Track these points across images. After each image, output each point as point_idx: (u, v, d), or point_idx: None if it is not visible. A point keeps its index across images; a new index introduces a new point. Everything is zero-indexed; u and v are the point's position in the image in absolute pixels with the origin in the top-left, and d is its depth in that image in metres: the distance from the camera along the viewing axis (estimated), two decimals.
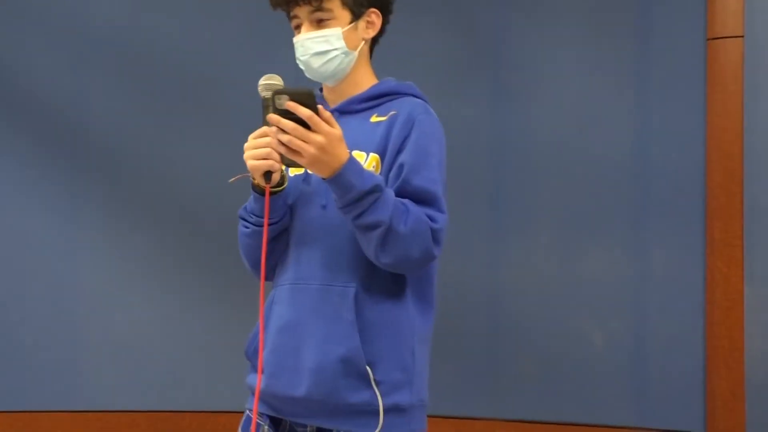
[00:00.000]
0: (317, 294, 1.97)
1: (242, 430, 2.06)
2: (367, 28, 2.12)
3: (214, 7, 3.73)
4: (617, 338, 3.43)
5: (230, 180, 1.94)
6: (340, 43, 2.06)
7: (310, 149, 1.79)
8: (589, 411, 3.43)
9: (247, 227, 2.07)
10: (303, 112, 1.78)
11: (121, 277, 3.73)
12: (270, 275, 2.12)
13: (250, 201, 2.05)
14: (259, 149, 1.91)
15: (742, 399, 3.20)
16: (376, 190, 1.85)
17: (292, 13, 2.08)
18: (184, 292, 3.65)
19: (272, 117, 1.80)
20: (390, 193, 1.89)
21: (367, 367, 1.92)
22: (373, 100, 2.08)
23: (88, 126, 3.73)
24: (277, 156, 1.89)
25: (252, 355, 2.06)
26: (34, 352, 3.67)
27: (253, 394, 2.03)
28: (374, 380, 1.92)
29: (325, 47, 2.05)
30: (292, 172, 2.07)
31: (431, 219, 1.92)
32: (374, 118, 2.04)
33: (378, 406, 1.92)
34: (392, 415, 1.94)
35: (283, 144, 1.81)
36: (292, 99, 1.79)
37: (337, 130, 1.82)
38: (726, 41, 3.29)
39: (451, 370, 3.61)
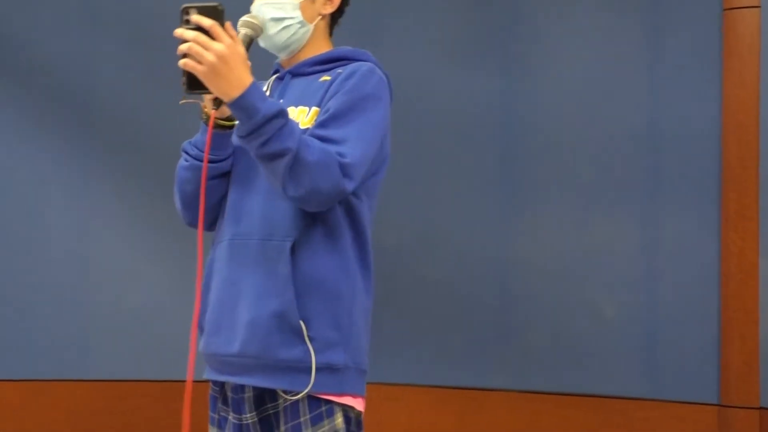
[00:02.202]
0: (255, 249, 1.95)
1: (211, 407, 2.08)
2: (325, 3, 2.11)
3: None
4: (630, 310, 3.42)
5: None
6: (296, 13, 2.05)
7: (209, 56, 1.74)
8: (602, 383, 3.43)
9: (186, 160, 2.04)
10: (205, 22, 1.76)
11: (135, 247, 3.74)
12: (207, 224, 2.11)
13: (197, 135, 2.04)
14: None
15: (757, 370, 3.19)
16: (281, 115, 1.81)
17: None
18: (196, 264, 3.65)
19: (177, 31, 1.78)
20: (295, 123, 1.86)
21: (301, 322, 1.89)
22: (325, 63, 2.08)
23: (102, 100, 3.74)
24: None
25: (199, 319, 2.04)
26: (48, 321, 3.68)
27: (205, 361, 2.04)
28: (308, 336, 1.90)
29: (281, 14, 2.04)
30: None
31: (340, 154, 1.89)
32: (322, 79, 2.04)
33: (311, 363, 1.90)
34: (324, 373, 1.91)
35: (183, 57, 1.78)
36: (200, 12, 1.76)
37: (240, 48, 1.79)
38: (743, 11, 3.26)
39: (463, 342, 3.62)
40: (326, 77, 2.03)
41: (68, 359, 3.68)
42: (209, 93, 1.80)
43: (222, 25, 1.75)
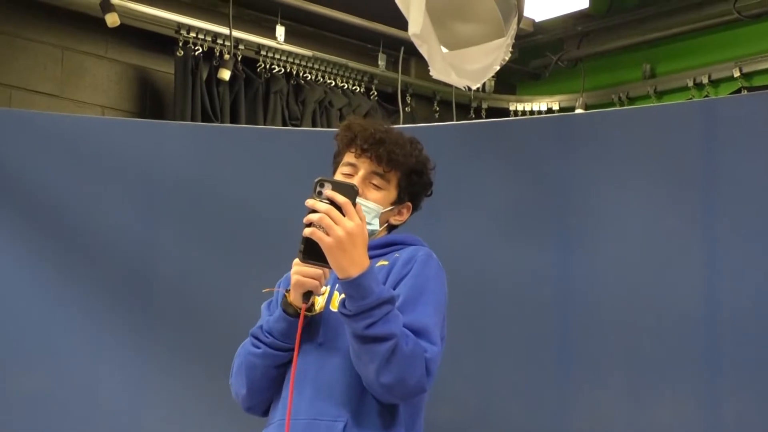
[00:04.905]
0: (304, 430, 1.95)
1: None
2: (397, 215, 2.18)
3: (279, 167, 3.80)
4: None
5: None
6: (375, 221, 2.13)
7: (339, 231, 1.80)
8: None
9: (258, 347, 2.05)
10: (339, 198, 1.81)
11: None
12: (260, 409, 2.10)
13: (269, 321, 2.05)
14: (310, 268, 1.93)
15: None
16: (392, 301, 1.85)
17: (353, 160, 2.13)
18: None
19: (309, 201, 1.83)
20: (398, 312, 1.89)
21: None
22: (380, 248, 2.12)
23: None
24: (323, 280, 1.90)
25: None
26: None
27: None
28: None
29: (366, 218, 2.08)
30: None
31: (423, 349, 1.90)
32: (379, 263, 2.07)
33: None
34: None
35: (311, 226, 1.81)
36: (335, 188, 1.82)
37: (366, 233, 1.84)
38: None
39: None
40: (383, 262, 2.07)
41: None
42: (324, 265, 1.85)
43: (354, 204, 1.82)
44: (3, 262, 3.64)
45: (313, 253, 1.85)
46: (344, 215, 1.82)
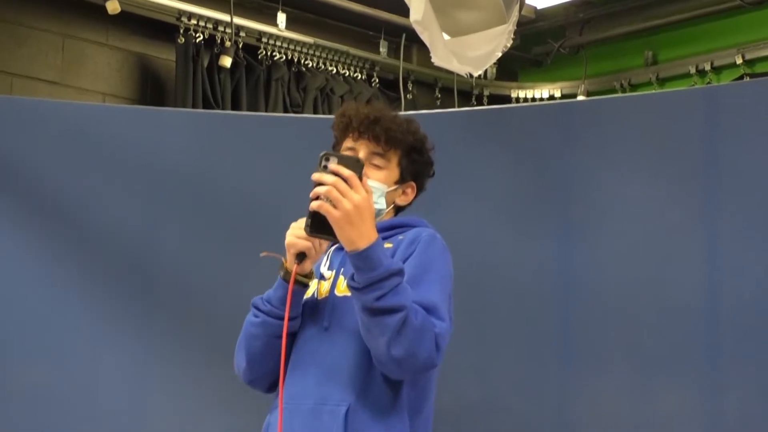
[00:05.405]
0: (309, 414, 1.95)
1: None
2: (402, 194, 2.17)
3: (281, 154, 3.79)
4: None
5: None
6: (381, 200, 2.11)
7: (346, 203, 1.80)
8: None
9: (257, 316, 2.05)
10: (345, 172, 1.81)
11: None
12: (262, 384, 2.10)
13: (269, 291, 2.05)
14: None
15: None
16: (401, 273, 1.85)
17: (351, 144, 2.12)
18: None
19: (315, 175, 1.83)
20: (407, 285, 1.88)
21: None
22: (385, 231, 2.12)
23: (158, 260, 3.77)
24: (316, 243, 1.89)
25: None
26: None
27: None
28: None
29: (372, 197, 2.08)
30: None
31: (432, 324, 1.90)
32: (384, 246, 2.06)
33: None
34: None
35: (317, 200, 1.81)
36: (340, 162, 1.82)
37: (373, 205, 1.84)
38: None
39: None
40: (388, 245, 2.07)
41: None
42: (331, 238, 1.85)
43: (360, 178, 1.82)
44: (3, 251, 3.63)
45: (320, 226, 1.85)
46: (351, 188, 1.82)
